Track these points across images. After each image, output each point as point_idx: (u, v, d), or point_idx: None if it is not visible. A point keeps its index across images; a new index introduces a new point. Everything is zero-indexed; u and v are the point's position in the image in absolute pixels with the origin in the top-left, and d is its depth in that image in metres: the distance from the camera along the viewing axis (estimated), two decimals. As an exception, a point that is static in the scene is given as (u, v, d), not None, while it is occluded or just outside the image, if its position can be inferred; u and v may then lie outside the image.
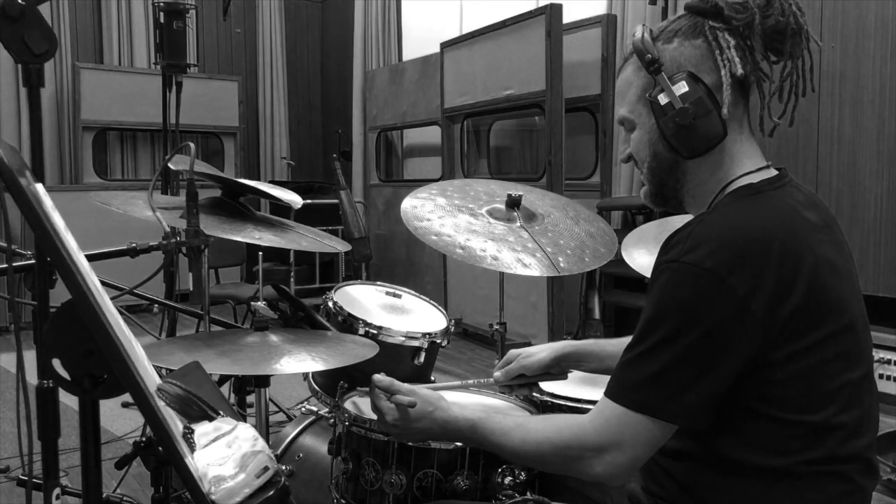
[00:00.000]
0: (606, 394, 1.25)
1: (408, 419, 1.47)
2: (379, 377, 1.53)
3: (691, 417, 1.20)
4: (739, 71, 1.24)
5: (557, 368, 1.79)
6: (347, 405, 1.83)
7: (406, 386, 1.51)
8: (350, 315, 2.08)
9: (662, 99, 1.28)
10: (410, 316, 2.30)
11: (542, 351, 1.79)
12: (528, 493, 1.61)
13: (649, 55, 1.28)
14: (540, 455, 1.32)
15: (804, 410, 1.19)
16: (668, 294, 1.19)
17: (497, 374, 1.84)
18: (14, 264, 1.61)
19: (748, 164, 1.30)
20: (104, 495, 2.33)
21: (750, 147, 1.32)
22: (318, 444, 2.14)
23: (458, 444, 1.63)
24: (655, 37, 1.31)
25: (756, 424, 1.20)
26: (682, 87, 1.26)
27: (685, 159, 1.31)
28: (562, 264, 1.99)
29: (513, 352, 1.86)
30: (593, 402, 1.81)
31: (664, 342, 1.18)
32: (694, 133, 1.27)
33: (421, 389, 1.50)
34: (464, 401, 1.97)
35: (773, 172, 1.31)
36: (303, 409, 2.38)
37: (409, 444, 1.63)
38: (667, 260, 1.21)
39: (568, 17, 4.94)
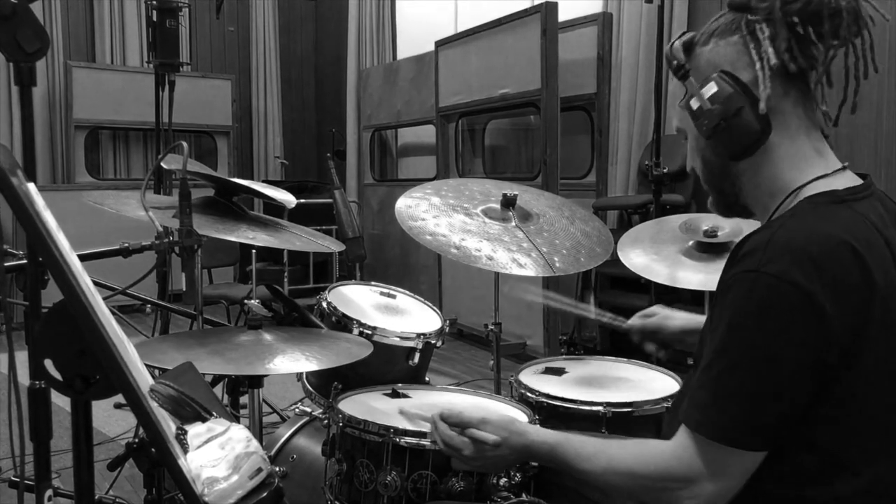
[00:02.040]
0: (686, 422, 1.17)
1: (485, 450, 1.39)
2: (447, 412, 1.45)
3: (772, 443, 1.13)
4: (773, 61, 1.18)
5: (691, 339, 1.72)
6: (341, 406, 1.82)
7: (476, 417, 1.41)
8: (344, 315, 2.07)
9: (694, 104, 1.24)
10: (405, 316, 2.29)
11: (681, 319, 1.78)
12: (524, 495, 1.61)
13: (675, 61, 1.26)
14: (623, 485, 1.25)
15: (846, 445, 1.13)
16: (747, 308, 1.10)
17: (635, 320, 1.84)
18: (6, 264, 1.60)
19: (820, 165, 1.23)
20: (97, 497, 2.31)
21: (814, 146, 1.25)
22: (311, 446, 2.13)
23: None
24: (697, 41, 1.28)
25: (794, 452, 1.14)
26: (711, 89, 1.22)
27: (732, 161, 1.25)
28: (557, 264, 1.98)
29: (656, 307, 1.85)
30: (590, 404, 1.82)
31: (744, 363, 1.11)
32: (729, 133, 1.21)
33: (492, 417, 1.42)
34: (458, 401, 1.97)
35: (854, 178, 1.24)
36: (296, 409, 2.37)
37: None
38: (744, 270, 1.12)
39: (563, 16, 4.94)
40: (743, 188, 1.28)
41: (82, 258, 1.17)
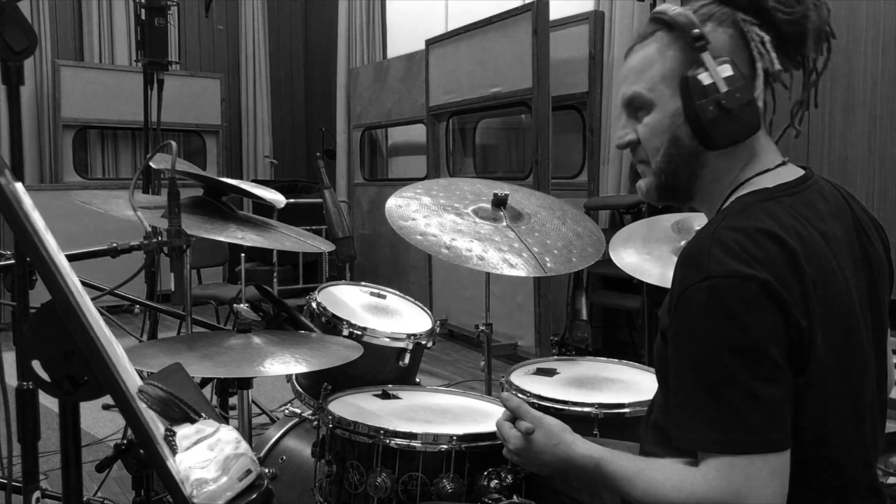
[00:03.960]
0: (697, 446, 1.12)
1: (529, 450, 1.36)
2: (507, 395, 1.44)
3: (788, 432, 1.10)
4: (777, 67, 1.18)
5: None
6: (331, 407, 1.81)
7: (535, 413, 1.39)
8: (334, 316, 2.07)
9: (705, 79, 1.18)
10: (395, 317, 2.29)
11: None
12: (515, 497, 1.60)
13: (697, 30, 1.19)
14: None
15: (808, 438, 1.13)
16: (715, 314, 1.09)
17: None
18: (-7, 264, 1.58)
19: (765, 161, 1.25)
20: (85, 498, 2.30)
21: (767, 144, 1.26)
22: (301, 447, 2.12)
23: (444, 446, 1.62)
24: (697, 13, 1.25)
25: None
26: (727, 70, 1.18)
27: (707, 150, 1.22)
28: (549, 264, 1.98)
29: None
30: (581, 405, 1.82)
31: (735, 367, 1.08)
32: (734, 121, 1.18)
33: (546, 419, 1.37)
34: (444, 402, 1.96)
35: (795, 171, 1.25)
36: (286, 411, 2.36)
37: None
38: (697, 280, 1.10)
39: (555, 14, 4.94)
40: (701, 178, 1.27)
41: (70, 258, 1.15)
